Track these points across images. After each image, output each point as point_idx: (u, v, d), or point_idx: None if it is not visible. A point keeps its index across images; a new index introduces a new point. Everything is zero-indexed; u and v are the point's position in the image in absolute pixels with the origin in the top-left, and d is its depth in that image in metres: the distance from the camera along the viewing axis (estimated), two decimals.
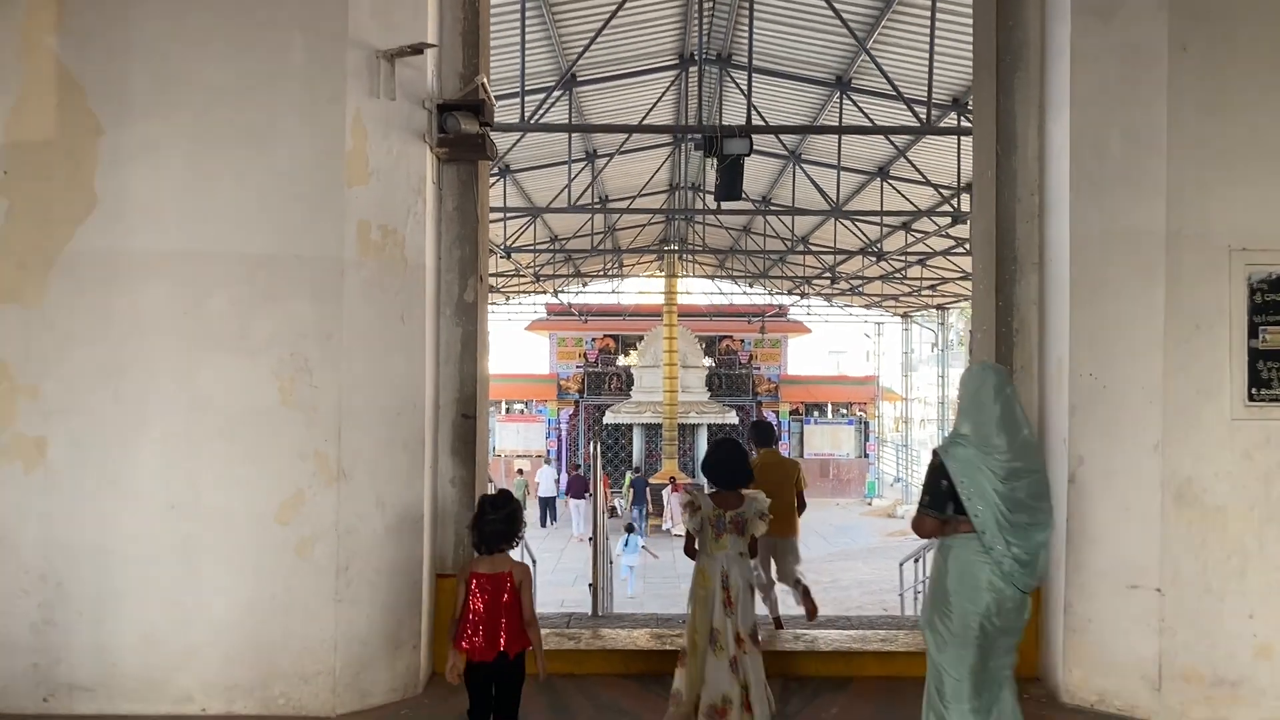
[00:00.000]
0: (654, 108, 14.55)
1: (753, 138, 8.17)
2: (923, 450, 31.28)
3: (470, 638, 4.01)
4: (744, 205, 18.41)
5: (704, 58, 13.69)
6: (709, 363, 30.97)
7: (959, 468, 3.65)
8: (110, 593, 4.78)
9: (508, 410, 32.03)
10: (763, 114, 12.71)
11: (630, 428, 29.74)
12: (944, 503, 3.68)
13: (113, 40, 4.80)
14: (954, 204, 15.89)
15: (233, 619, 4.81)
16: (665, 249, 26.39)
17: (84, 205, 4.80)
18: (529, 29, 11.38)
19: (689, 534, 4.62)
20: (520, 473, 26.48)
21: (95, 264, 4.80)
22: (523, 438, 31.50)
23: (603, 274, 29.98)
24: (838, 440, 32.49)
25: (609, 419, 29.37)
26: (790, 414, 32.12)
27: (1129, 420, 4.95)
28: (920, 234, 19.41)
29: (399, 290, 5.07)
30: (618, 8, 10.33)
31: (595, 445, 11.04)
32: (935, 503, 3.70)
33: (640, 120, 14.22)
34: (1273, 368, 4.85)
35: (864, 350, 39.09)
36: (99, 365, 4.81)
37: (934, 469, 3.73)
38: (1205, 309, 4.86)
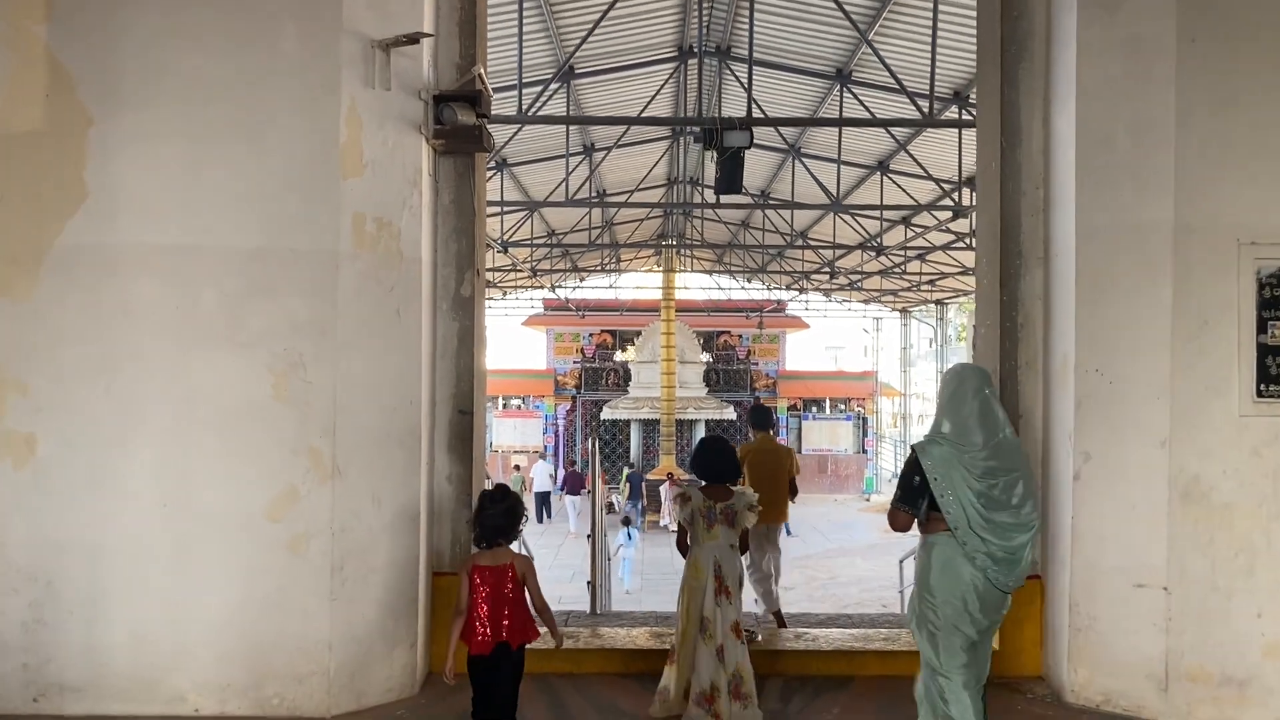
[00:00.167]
0: (652, 101, 14.46)
1: (753, 130, 8.08)
2: None
3: (476, 633, 4.05)
4: (743, 199, 18.34)
5: (703, 50, 13.60)
6: (707, 358, 30.93)
7: (933, 465, 3.69)
8: (101, 591, 4.71)
9: (505, 406, 31.97)
10: (762, 107, 12.61)
11: (628, 423, 29.72)
12: (916, 498, 3.74)
13: (103, 29, 4.72)
14: (954, 198, 15.82)
15: (225, 618, 4.74)
16: (663, 243, 26.30)
17: (74, 198, 4.73)
18: (526, 20, 11.28)
19: (681, 528, 4.74)
20: (517, 468, 26.45)
21: (86, 258, 4.73)
22: (520, 433, 31.44)
23: (600, 269, 29.89)
24: (836, 436, 32.47)
25: (606, 415, 29.35)
26: (788, 409, 32.07)
27: (1135, 417, 4.88)
28: (920, 228, 19.34)
29: (394, 284, 4.99)
30: None
31: (593, 441, 10.93)
32: (908, 498, 3.76)
33: (639, 113, 14.13)
34: None
35: (862, 346, 39.09)
36: (90, 360, 4.74)
37: (909, 465, 3.78)
38: (1213, 304, 4.79)
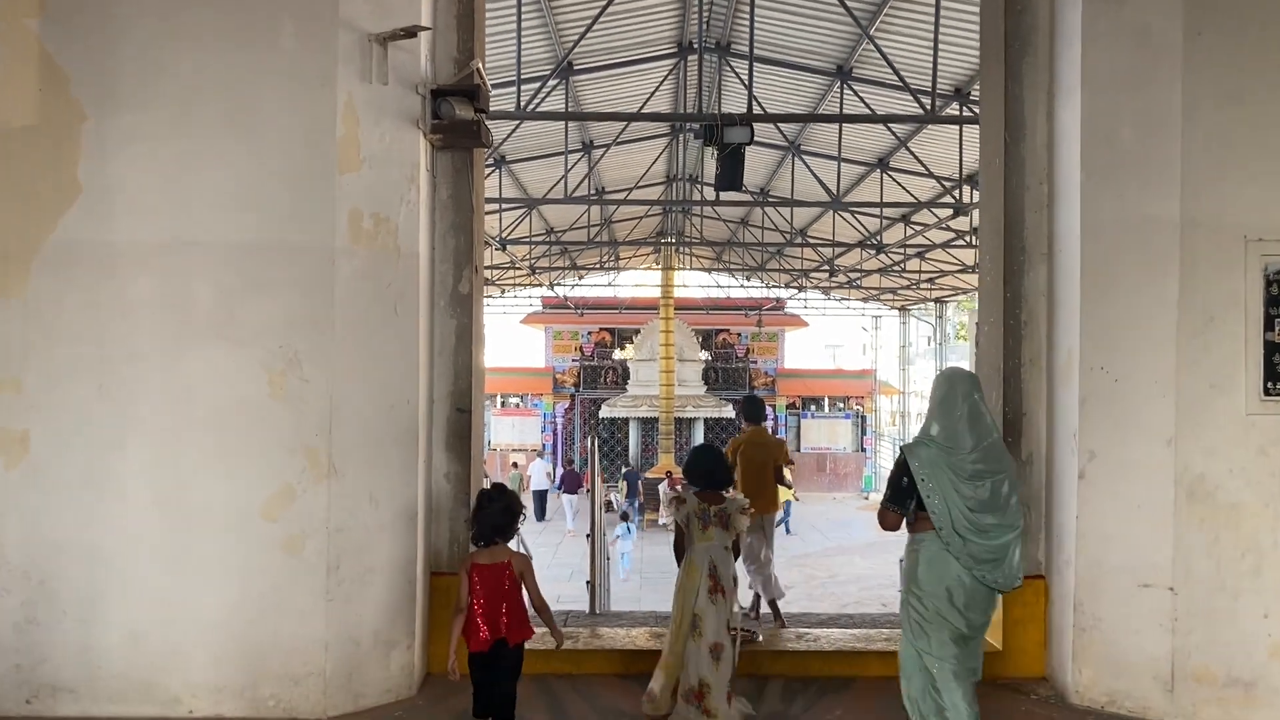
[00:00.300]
0: (651, 97, 14.39)
1: (753, 126, 8.02)
2: None
3: (474, 630, 4.09)
4: (742, 196, 18.27)
5: (703, 45, 13.53)
6: (705, 356, 30.88)
7: (921, 466, 3.76)
8: (95, 591, 4.67)
9: (503, 404, 31.90)
10: (762, 104, 12.55)
11: (626, 422, 29.66)
12: (904, 498, 3.82)
13: (97, 24, 4.66)
14: (955, 195, 15.76)
15: (221, 618, 4.69)
16: (662, 241, 26.24)
17: (68, 194, 4.68)
18: (525, 16, 11.21)
19: (678, 530, 4.78)
20: (515, 465, 26.44)
21: (80, 254, 4.69)
22: (518, 432, 31.38)
23: (599, 266, 29.83)
24: (834, 434, 32.42)
25: (605, 413, 29.28)
26: (787, 408, 32.02)
27: (1141, 415, 4.83)
28: (920, 226, 19.29)
29: (392, 281, 4.93)
30: None
31: (592, 440, 10.85)
32: (896, 498, 3.84)
33: (638, 110, 14.05)
34: None
35: (861, 344, 39.06)
36: (83, 358, 4.69)
37: (898, 466, 3.86)
38: (1220, 301, 4.75)
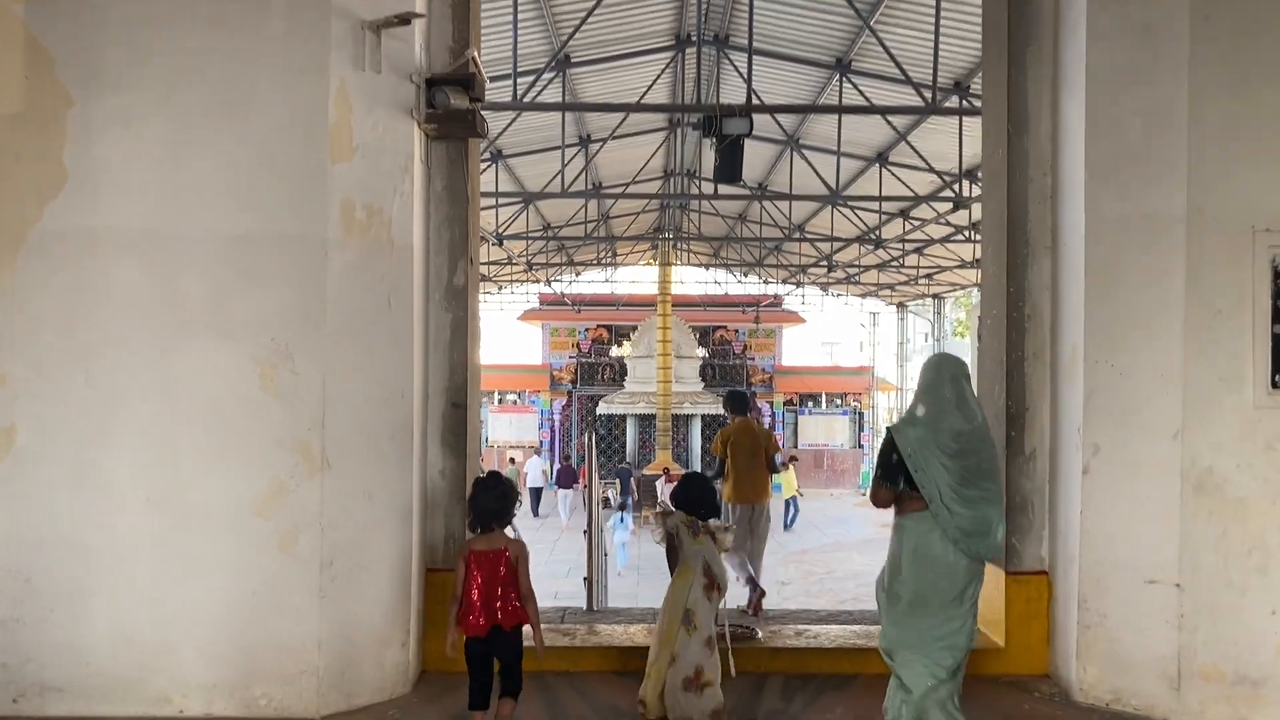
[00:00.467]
0: (649, 90, 14.29)
1: (753, 118, 7.95)
2: None
3: (471, 616, 4.13)
4: (740, 191, 18.19)
5: (701, 38, 13.45)
6: (703, 353, 30.78)
7: (908, 444, 3.85)
8: (83, 588, 4.57)
9: (500, 401, 31.82)
10: (761, 97, 12.46)
11: (624, 418, 29.57)
12: (895, 475, 3.90)
13: (83, 6, 4.56)
14: (955, 189, 15.67)
15: (212, 616, 4.60)
16: (660, 236, 26.15)
17: (54, 181, 4.58)
18: (521, 7, 11.11)
19: (669, 540, 4.72)
20: (512, 461, 26.39)
21: (66, 243, 4.59)
22: (516, 429, 31.29)
23: (596, 262, 29.75)
24: (832, 431, 32.34)
25: (602, 410, 29.20)
26: (785, 404, 31.95)
27: (1147, 409, 4.76)
28: (918, 221, 19.21)
29: (385, 273, 4.85)
30: None
31: (590, 436, 10.79)
32: (887, 475, 3.93)
33: (636, 102, 13.94)
34: None
35: (859, 341, 38.98)
36: (71, 350, 4.60)
37: (887, 445, 3.95)
38: (1227, 293, 4.67)
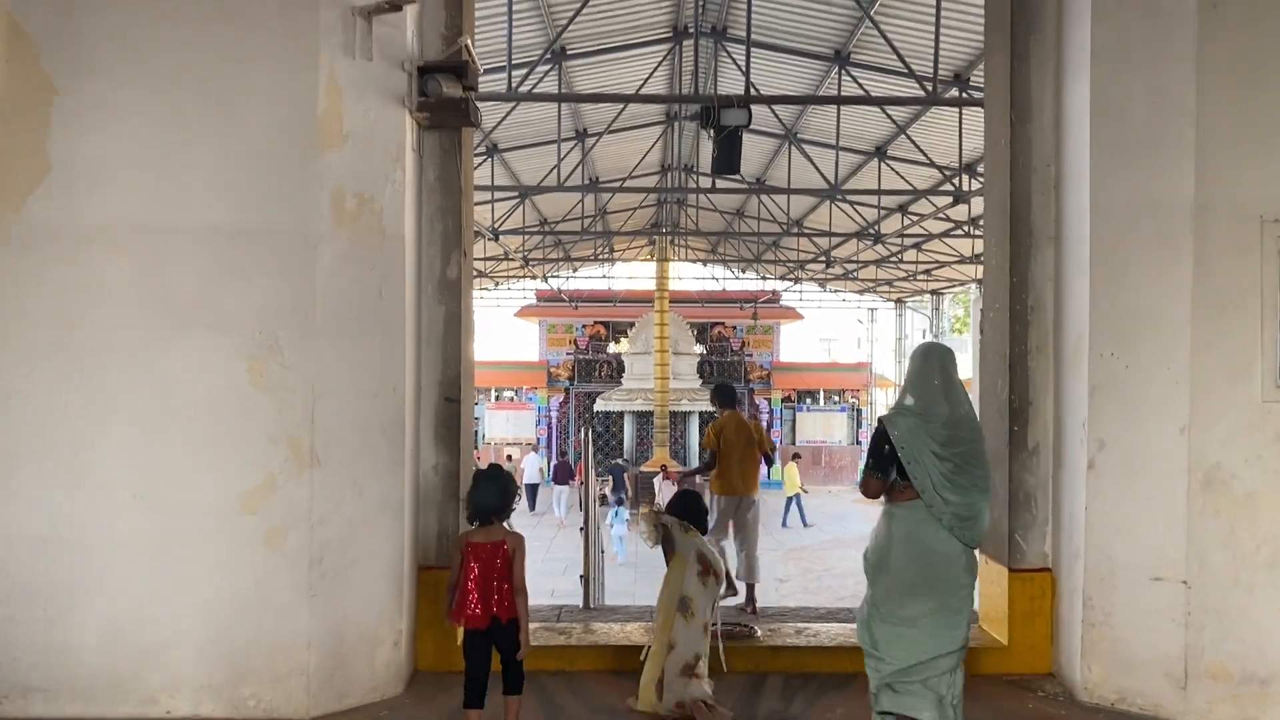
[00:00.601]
0: (646, 83, 14.15)
1: (751, 110, 7.85)
2: None
3: (467, 607, 4.07)
4: (738, 185, 18.07)
5: (699, 30, 13.32)
6: (701, 350, 30.67)
7: (899, 434, 3.82)
8: (68, 587, 4.49)
9: (497, 398, 31.71)
10: (759, 90, 12.35)
11: (621, 415, 29.47)
12: (887, 465, 3.87)
13: None
14: (955, 183, 15.56)
15: (200, 615, 4.52)
16: (657, 232, 26.02)
17: (37, 172, 4.50)
18: None
19: (665, 533, 4.71)
20: (509, 458, 26.34)
21: (50, 235, 4.51)
22: (513, 425, 31.16)
23: (593, 258, 29.62)
24: (830, 427, 32.24)
25: (600, 406, 29.10)
26: (782, 401, 31.85)
27: (1153, 402, 4.68)
28: (917, 216, 19.11)
29: (376, 264, 4.75)
30: None
31: (586, 433, 10.72)
32: (879, 465, 3.89)
33: (634, 94, 13.80)
34: None
35: (856, 337, 38.89)
36: (56, 345, 4.52)
37: (878, 435, 3.91)
38: (1235, 284, 4.59)
